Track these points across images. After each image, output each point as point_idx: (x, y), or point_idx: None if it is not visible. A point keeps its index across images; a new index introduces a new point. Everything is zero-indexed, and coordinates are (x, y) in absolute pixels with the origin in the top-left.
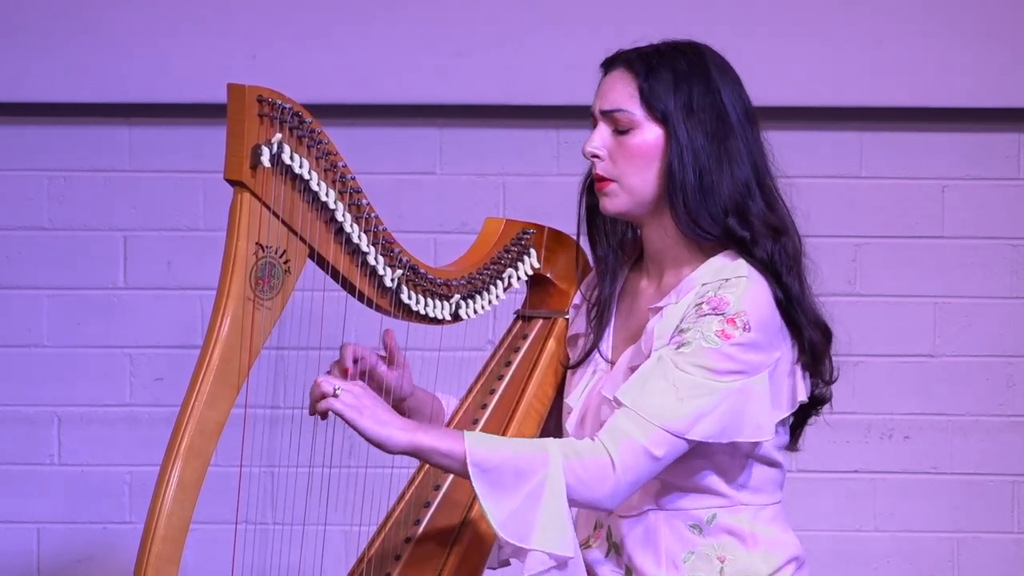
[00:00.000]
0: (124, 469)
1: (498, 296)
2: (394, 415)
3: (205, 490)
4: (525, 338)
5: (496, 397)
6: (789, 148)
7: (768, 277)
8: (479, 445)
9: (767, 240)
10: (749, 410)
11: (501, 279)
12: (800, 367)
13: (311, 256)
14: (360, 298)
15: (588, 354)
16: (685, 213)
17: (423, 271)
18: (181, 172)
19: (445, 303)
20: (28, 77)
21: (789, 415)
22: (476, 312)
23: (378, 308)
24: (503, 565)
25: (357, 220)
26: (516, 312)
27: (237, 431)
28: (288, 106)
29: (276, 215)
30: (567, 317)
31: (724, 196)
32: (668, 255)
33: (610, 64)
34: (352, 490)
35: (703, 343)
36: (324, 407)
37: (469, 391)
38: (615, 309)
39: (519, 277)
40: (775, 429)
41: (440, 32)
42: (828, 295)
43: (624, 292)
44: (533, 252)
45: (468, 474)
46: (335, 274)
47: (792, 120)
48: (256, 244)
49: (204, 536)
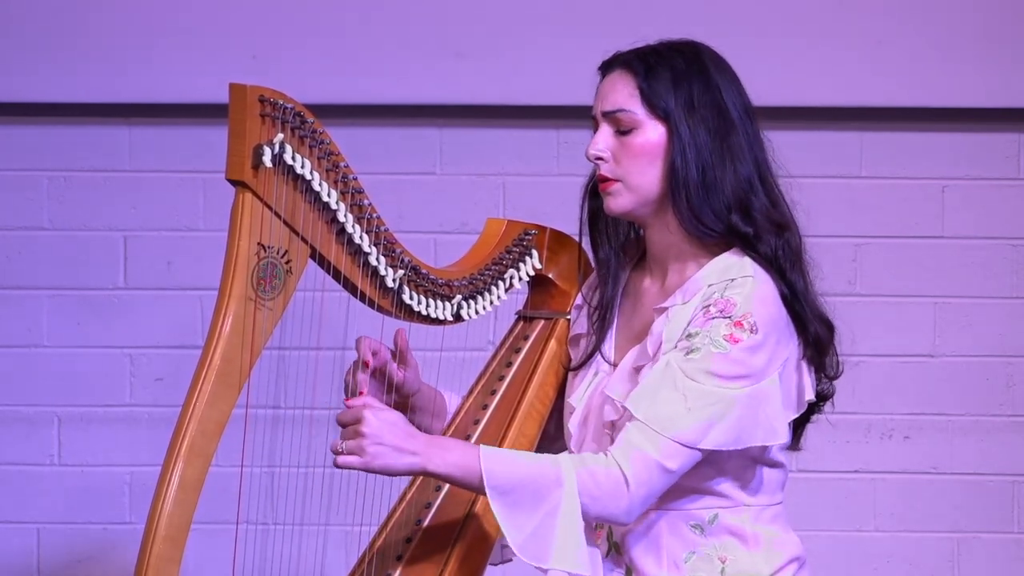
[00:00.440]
0: (124, 469)
1: (499, 297)
2: (404, 437)
3: (206, 490)
4: (526, 339)
5: (497, 398)
6: (789, 148)
7: (773, 274)
8: (495, 466)
9: (770, 236)
10: (762, 414)
11: (503, 280)
12: (806, 363)
13: (313, 256)
14: (362, 298)
15: (590, 356)
16: (688, 210)
17: (425, 271)
18: (181, 172)
19: (447, 303)
20: (28, 77)
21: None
22: (478, 312)
23: (379, 308)
24: (505, 561)
25: (359, 220)
26: (517, 313)
27: (238, 431)
28: (290, 106)
29: (278, 215)
30: (568, 318)
31: (727, 192)
32: (671, 254)
33: (608, 66)
34: (352, 490)
35: (712, 348)
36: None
37: (470, 392)
38: (617, 310)
39: (521, 278)
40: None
41: (440, 32)
42: (828, 295)
43: (626, 293)
44: (535, 253)
45: (486, 495)
46: (337, 274)
47: (792, 120)
48: (258, 244)
49: (205, 536)
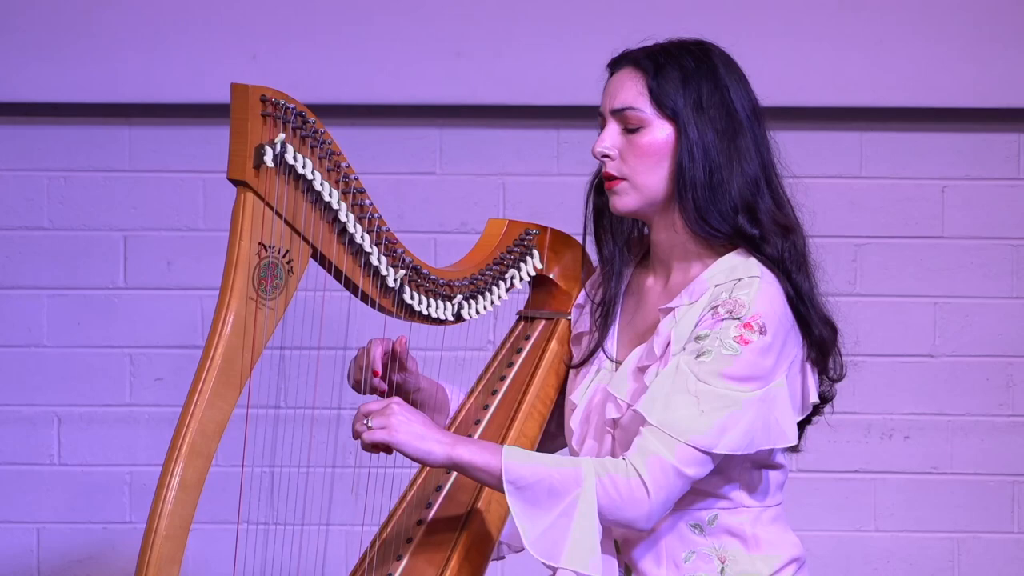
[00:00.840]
0: (124, 469)
1: (500, 297)
2: (431, 428)
3: (206, 490)
4: (527, 339)
5: (498, 398)
6: (789, 148)
7: (779, 275)
8: (515, 461)
9: (776, 238)
10: (772, 416)
11: (504, 280)
12: (810, 365)
13: (314, 256)
14: (363, 298)
15: (592, 353)
16: (695, 211)
17: (426, 271)
18: (181, 172)
19: (448, 303)
20: (28, 77)
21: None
22: (478, 312)
23: (381, 308)
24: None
25: (360, 220)
26: (518, 313)
27: (239, 431)
28: (291, 106)
29: (279, 215)
30: (569, 318)
31: (734, 194)
32: (676, 253)
33: (617, 63)
34: (352, 490)
35: (722, 351)
36: (365, 444)
37: (471, 392)
38: (620, 307)
39: (522, 278)
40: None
41: (440, 32)
42: (828, 295)
43: (629, 290)
44: (536, 253)
45: (503, 490)
46: (338, 274)
47: (792, 120)
48: (259, 244)
49: (205, 536)
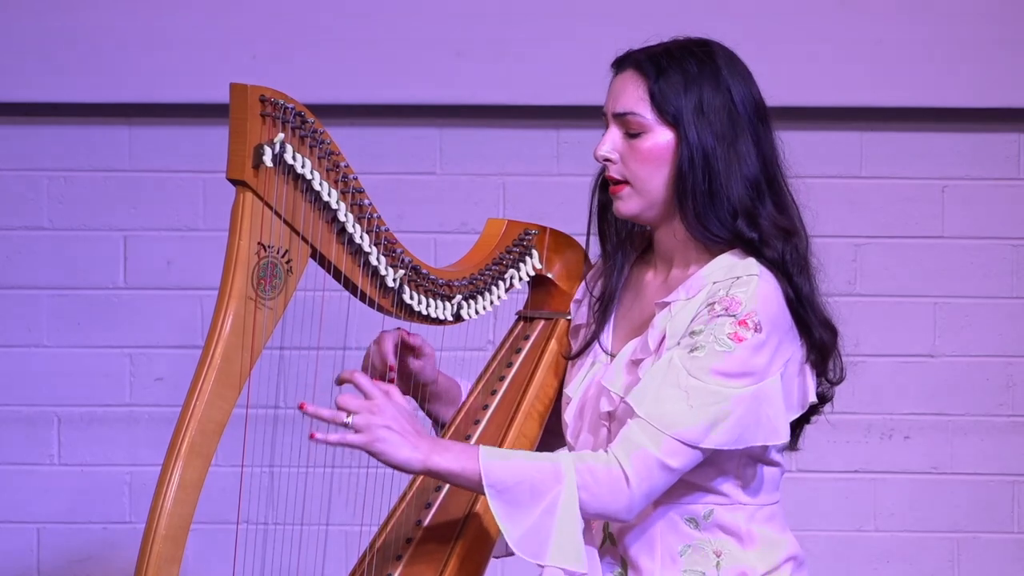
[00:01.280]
0: (124, 469)
1: (500, 297)
2: (407, 432)
3: (206, 490)
4: (527, 339)
5: (498, 398)
6: (789, 148)
7: (779, 276)
8: (493, 464)
9: (777, 241)
10: (763, 414)
11: (503, 280)
12: (809, 366)
13: (313, 256)
14: (362, 298)
15: (588, 345)
16: (694, 216)
17: (425, 271)
18: (181, 172)
19: (447, 303)
20: (29, 77)
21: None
22: (478, 312)
23: (380, 308)
24: (508, 555)
25: (359, 220)
26: (518, 313)
27: (238, 431)
28: (291, 106)
29: (278, 215)
30: (569, 318)
31: (733, 199)
32: (677, 254)
33: (620, 64)
34: (352, 490)
35: (716, 346)
36: (336, 442)
37: (471, 392)
38: (617, 301)
39: (521, 278)
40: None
41: (440, 32)
42: (828, 295)
43: (628, 285)
44: (535, 253)
45: (485, 494)
46: (337, 274)
47: (792, 120)
48: (258, 244)
49: (205, 536)
